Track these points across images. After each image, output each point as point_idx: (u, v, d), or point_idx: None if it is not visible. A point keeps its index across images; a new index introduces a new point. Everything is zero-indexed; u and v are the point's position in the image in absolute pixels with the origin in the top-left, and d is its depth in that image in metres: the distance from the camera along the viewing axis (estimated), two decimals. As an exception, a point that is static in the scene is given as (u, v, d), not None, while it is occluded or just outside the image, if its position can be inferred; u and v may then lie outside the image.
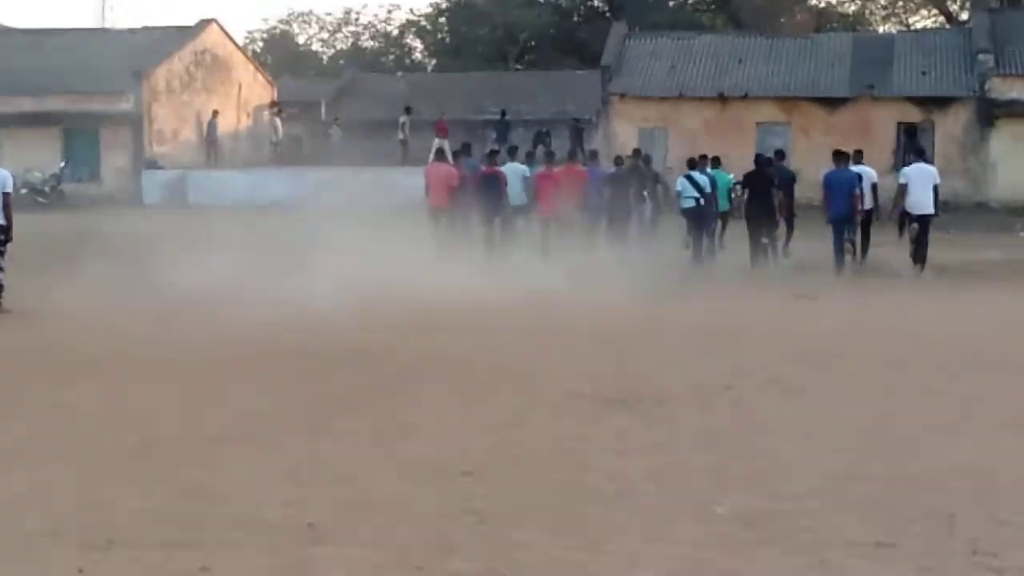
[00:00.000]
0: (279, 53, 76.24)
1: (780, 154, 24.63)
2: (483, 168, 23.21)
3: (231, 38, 51.29)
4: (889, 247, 22.74)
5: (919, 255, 20.92)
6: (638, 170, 23.56)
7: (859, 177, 21.57)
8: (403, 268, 18.58)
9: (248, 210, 33.49)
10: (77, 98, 44.54)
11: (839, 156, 22.01)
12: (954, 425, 8.93)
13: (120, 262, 18.80)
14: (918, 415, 9.30)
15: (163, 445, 8.34)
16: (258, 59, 63.60)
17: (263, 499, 6.96)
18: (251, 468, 7.69)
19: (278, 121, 48.27)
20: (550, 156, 23.93)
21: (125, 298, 16.13)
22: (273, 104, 51.41)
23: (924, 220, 20.88)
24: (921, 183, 20.91)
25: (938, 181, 21.24)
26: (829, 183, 21.57)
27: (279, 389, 10.37)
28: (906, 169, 21.83)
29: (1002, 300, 17.78)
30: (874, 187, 22.39)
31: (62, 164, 43.15)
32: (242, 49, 53.90)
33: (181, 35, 48.50)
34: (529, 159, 24.46)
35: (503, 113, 45.45)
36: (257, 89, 52.15)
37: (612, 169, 23.78)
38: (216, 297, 15.66)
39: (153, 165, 44.01)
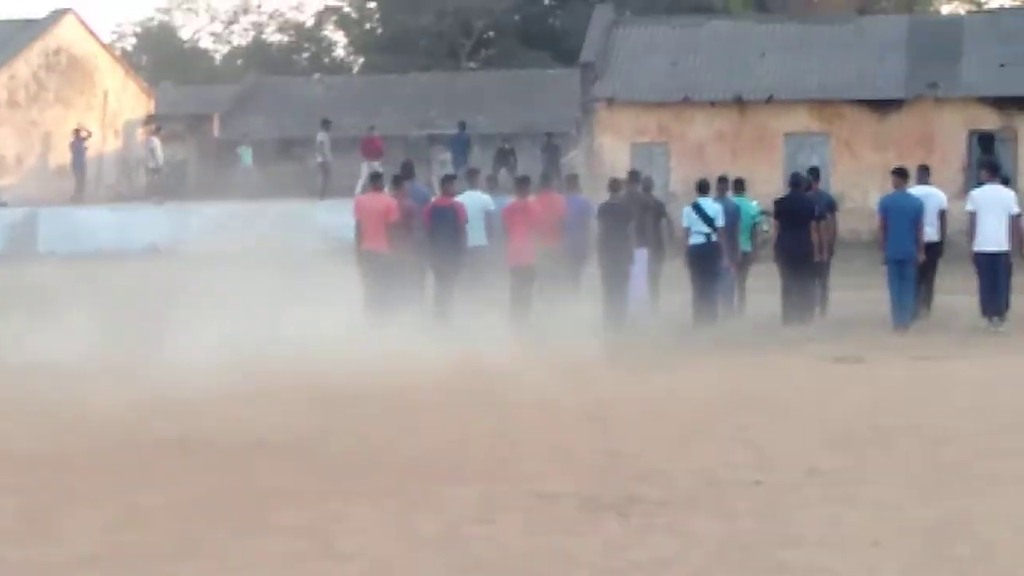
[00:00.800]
0: (157, 52, 76.29)
1: (814, 174, 24.63)
2: (434, 199, 23.04)
3: (93, 34, 51.26)
4: (961, 294, 22.87)
5: (993, 304, 21.02)
6: (637, 199, 23.39)
7: (922, 204, 21.62)
8: (323, 334, 18.56)
9: (118, 258, 33.39)
10: None
11: (900, 175, 21.99)
12: (1050, 528, 8.97)
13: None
14: (1008, 515, 9.33)
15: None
16: (130, 60, 63.70)
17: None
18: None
19: (156, 141, 48.06)
20: (523, 182, 23.30)
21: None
22: (150, 119, 51.31)
23: (999, 259, 20.95)
24: (993, 210, 20.97)
25: (1016, 210, 21.26)
26: (887, 211, 21.59)
27: (155, 497, 10.28)
28: (974, 193, 21.84)
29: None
30: (942, 215, 22.47)
31: None
32: (108, 48, 53.98)
33: (28, 30, 48.48)
34: (490, 185, 24.25)
35: (462, 126, 45.26)
36: (128, 100, 52.10)
37: (601, 198, 23.64)
38: (64, 371, 15.63)
39: (-9, 201, 43.82)
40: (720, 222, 21.98)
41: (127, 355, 16.74)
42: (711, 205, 22.21)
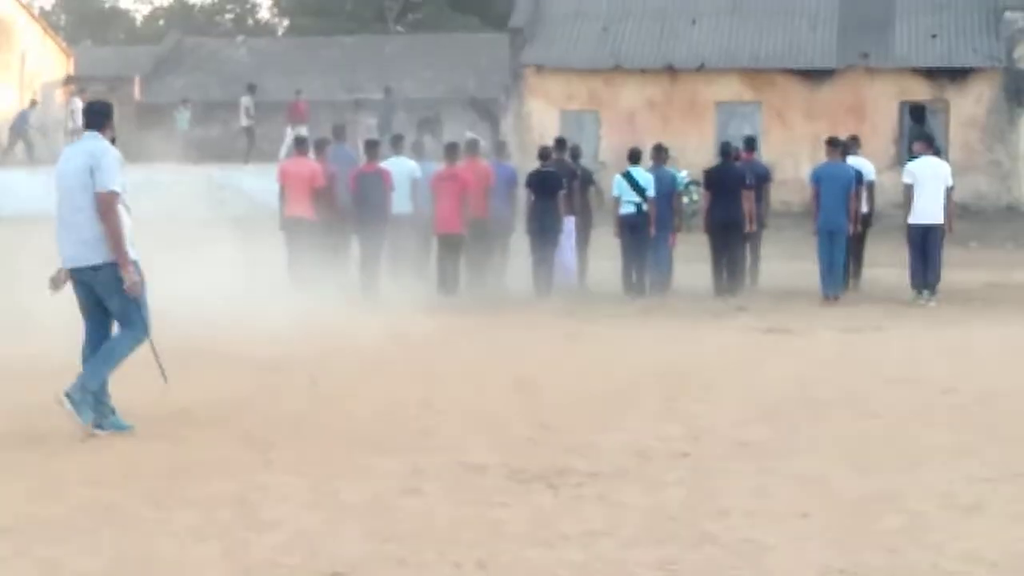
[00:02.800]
0: (77, 12, 75.62)
1: (750, 143, 24.74)
2: (360, 165, 23.00)
3: (11, -8, 50.73)
4: (890, 267, 23.03)
5: (925, 278, 21.19)
6: (566, 167, 23.39)
7: (859, 174, 21.80)
8: (248, 300, 18.50)
9: (38, 220, 33.10)
10: None
11: (834, 145, 22.12)
12: (979, 502, 9.03)
13: None
14: (934, 488, 9.40)
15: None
16: (48, 20, 63.01)
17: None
18: (54, 571, 7.57)
19: (79, 102, 47.63)
20: (452, 149, 23.23)
21: None
22: (70, 80, 50.87)
23: (932, 232, 21.11)
24: (931, 183, 21.12)
25: (951, 182, 21.46)
26: (820, 181, 21.69)
27: (74, 467, 10.22)
28: (911, 165, 21.92)
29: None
30: (870, 186, 22.67)
31: None
32: (26, 7, 53.36)
33: (-58, -12, 47.91)
34: (416, 152, 24.21)
35: (388, 91, 45.02)
36: (47, 60, 51.63)
37: (530, 165, 23.71)
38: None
39: (-94, 165, 43.44)
40: (651, 192, 22.02)
41: (43, 316, 16.61)
42: (642, 174, 22.25)
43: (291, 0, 73.10)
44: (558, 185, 22.47)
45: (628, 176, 22.20)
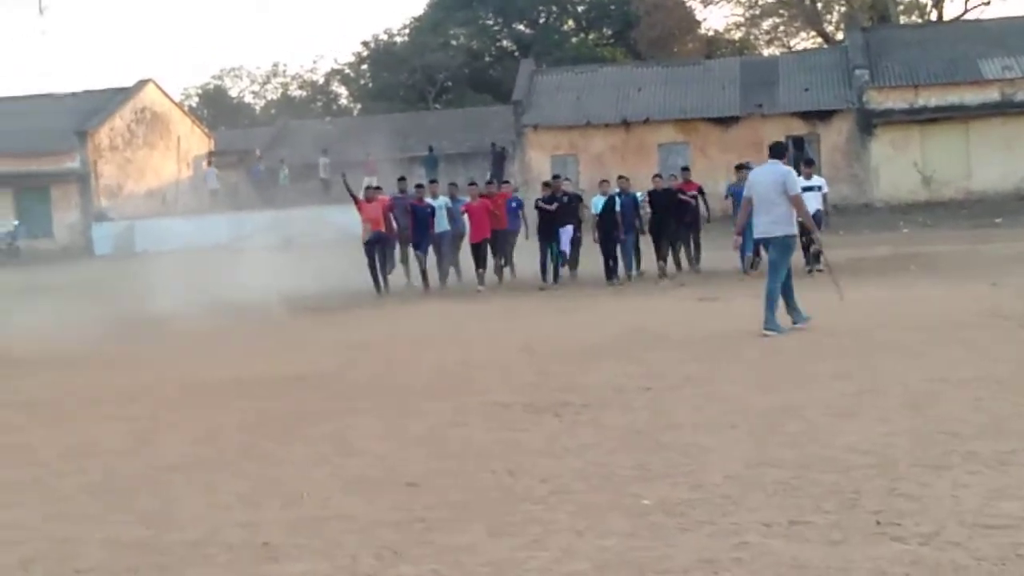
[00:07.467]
0: (214, 106, 75.81)
1: (687, 171, 24.88)
2: (413, 200, 23.01)
3: (168, 95, 50.93)
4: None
5: (808, 255, 21.34)
6: (557, 194, 23.26)
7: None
8: (339, 300, 18.50)
9: (193, 253, 33.29)
10: (26, 160, 44.05)
11: (740, 168, 22.38)
12: (854, 409, 8.98)
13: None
14: (822, 401, 9.34)
15: (123, 478, 8.17)
16: (195, 113, 63.15)
17: (220, 522, 6.83)
18: (206, 494, 7.54)
19: (214, 170, 47.81)
20: (473, 184, 23.84)
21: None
22: (211, 154, 51.14)
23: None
24: (806, 193, 21.22)
25: (826, 189, 21.80)
26: (735, 194, 21.82)
27: (224, 419, 10.20)
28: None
29: (887, 292, 17.98)
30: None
31: (16, 223, 42.67)
32: (179, 105, 53.56)
33: (121, 95, 48.13)
34: (451, 191, 24.03)
35: (430, 149, 45.53)
36: (195, 141, 51.85)
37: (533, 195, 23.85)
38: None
39: (102, 217, 43.57)
40: (598, 209, 22.18)
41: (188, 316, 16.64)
42: (601, 199, 22.27)
43: (361, 89, 73.14)
44: (557, 203, 22.47)
45: (607, 198, 22.22)
